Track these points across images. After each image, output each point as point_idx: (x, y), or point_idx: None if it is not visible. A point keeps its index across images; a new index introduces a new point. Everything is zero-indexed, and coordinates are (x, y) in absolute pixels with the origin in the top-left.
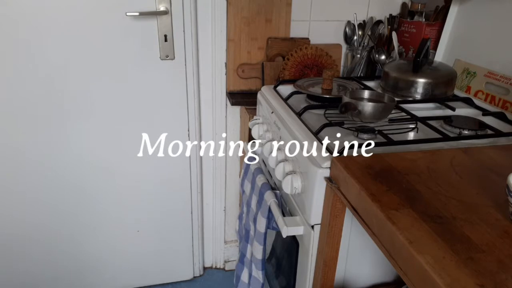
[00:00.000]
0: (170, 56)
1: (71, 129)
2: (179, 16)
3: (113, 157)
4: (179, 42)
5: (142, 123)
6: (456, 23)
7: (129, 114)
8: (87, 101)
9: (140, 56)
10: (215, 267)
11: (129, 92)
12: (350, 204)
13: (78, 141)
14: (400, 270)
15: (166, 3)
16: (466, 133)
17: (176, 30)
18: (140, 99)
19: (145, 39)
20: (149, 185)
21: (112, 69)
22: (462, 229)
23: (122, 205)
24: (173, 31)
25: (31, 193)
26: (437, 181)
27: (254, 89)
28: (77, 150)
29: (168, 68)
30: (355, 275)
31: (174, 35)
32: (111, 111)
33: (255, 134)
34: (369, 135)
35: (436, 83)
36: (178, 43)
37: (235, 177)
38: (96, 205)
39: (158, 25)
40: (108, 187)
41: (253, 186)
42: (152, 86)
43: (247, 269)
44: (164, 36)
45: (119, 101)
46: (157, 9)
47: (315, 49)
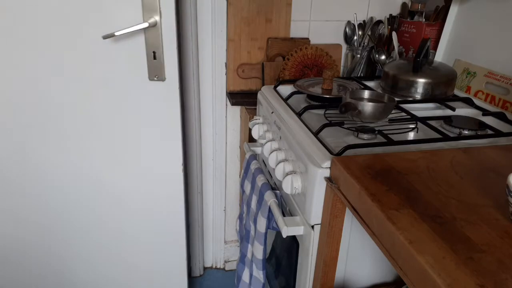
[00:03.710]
0: (159, 76)
1: (58, 149)
2: (170, 28)
3: (100, 180)
4: (170, 60)
5: (128, 157)
6: (456, 23)
7: (113, 145)
8: (72, 125)
9: (125, 78)
10: (215, 267)
11: (113, 119)
12: (350, 204)
13: (67, 161)
14: (400, 270)
15: (154, 13)
16: (466, 133)
17: (167, 45)
18: (125, 129)
19: (131, 57)
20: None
21: (93, 92)
22: (462, 229)
23: (111, 222)
24: (163, 47)
25: (17, 209)
26: (437, 181)
27: (254, 89)
28: (66, 171)
29: (159, 90)
30: (355, 275)
31: (164, 51)
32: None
33: (255, 134)
34: (369, 135)
35: (436, 83)
36: (169, 62)
37: (235, 177)
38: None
39: (146, 40)
40: (98, 207)
41: (253, 186)
42: (138, 113)
43: (248, 269)
44: (152, 53)
45: (102, 127)
46: (145, 21)
47: (315, 49)
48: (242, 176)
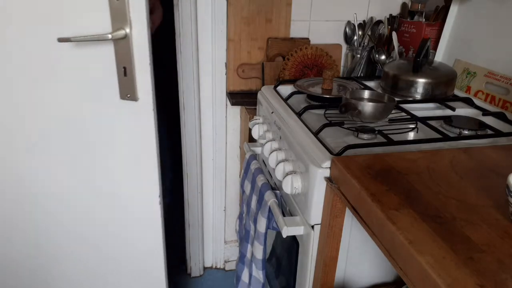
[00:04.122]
0: (131, 96)
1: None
2: (142, 42)
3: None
4: (143, 78)
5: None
6: (456, 23)
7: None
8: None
9: (96, 95)
10: (215, 267)
11: (80, 140)
12: (350, 204)
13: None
14: (400, 270)
15: (124, 24)
16: (466, 133)
17: (138, 61)
18: (93, 153)
19: (104, 70)
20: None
21: (59, 107)
22: (462, 229)
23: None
24: (134, 63)
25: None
26: (437, 181)
27: (254, 89)
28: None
29: (131, 112)
30: (355, 275)
31: (135, 68)
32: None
33: (255, 134)
34: (369, 135)
35: (436, 83)
36: (142, 80)
37: (235, 177)
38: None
39: (115, 53)
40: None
41: (253, 186)
42: (109, 136)
43: (247, 269)
44: (123, 68)
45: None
46: (113, 31)
47: (315, 49)
48: (242, 176)
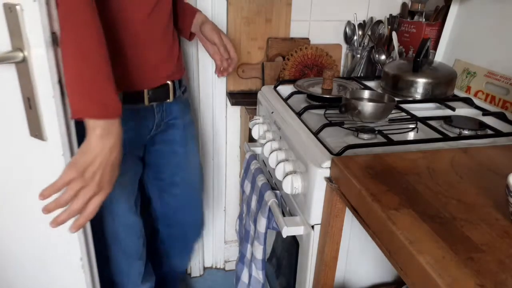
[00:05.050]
0: (38, 134)
1: None
2: (44, 69)
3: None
4: (49, 113)
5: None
6: (456, 23)
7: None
8: None
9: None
10: (215, 267)
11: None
12: (350, 204)
13: None
14: (400, 270)
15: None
16: (466, 133)
17: (42, 92)
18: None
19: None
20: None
21: None
22: (462, 229)
23: None
24: (37, 93)
25: None
26: (437, 181)
27: (254, 89)
28: None
29: (40, 153)
30: (355, 275)
31: (39, 100)
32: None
33: (255, 134)
34: (369, 135)
35: (436, 83)
36: (48, 115)
37: (235, 177)
38: None
39: (19, 80)
40: None
41: (253, 186)
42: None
43: (247, 269)
44: (27, 99)
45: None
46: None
47: (315, 49)
48: (242, 176)
